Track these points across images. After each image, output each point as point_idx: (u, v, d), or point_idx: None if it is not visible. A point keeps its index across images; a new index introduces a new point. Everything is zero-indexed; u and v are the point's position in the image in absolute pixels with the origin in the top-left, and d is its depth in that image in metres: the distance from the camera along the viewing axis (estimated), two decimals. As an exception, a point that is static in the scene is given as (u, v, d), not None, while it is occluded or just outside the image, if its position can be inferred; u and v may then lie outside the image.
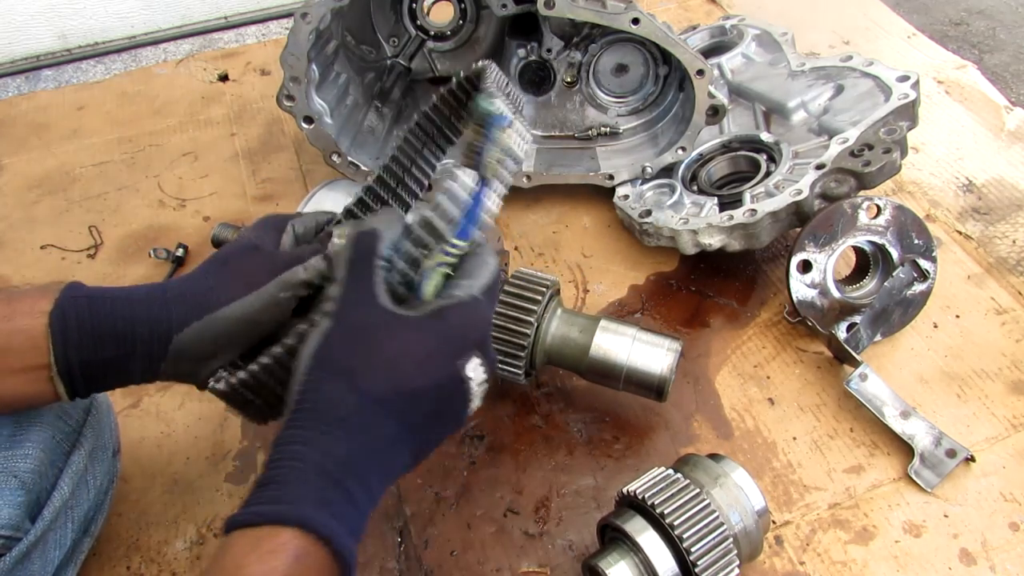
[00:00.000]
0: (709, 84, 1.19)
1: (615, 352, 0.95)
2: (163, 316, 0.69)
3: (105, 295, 0.70)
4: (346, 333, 0.62)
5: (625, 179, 1.30)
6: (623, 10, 1.15)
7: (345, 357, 0.61)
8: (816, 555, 0.91)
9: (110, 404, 0.93)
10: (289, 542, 0.54)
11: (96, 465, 0.86)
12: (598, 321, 0.98)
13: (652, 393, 0.97)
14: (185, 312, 0.69)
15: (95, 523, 0.88)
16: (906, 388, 1.05)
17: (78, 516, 0.83)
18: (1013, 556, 0.90)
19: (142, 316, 0.69)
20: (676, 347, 0.96)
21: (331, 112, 1.24)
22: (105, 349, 0.68)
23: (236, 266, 0.72)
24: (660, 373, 0.95)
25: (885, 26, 1.72)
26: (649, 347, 0.96)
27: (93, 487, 0.86)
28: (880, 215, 1.07)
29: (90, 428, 0.85)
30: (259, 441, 1.05)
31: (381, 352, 0.61)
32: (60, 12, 1.84)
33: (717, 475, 0.84)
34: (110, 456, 0.90)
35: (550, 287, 0.98)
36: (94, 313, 0.68)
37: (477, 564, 0.92)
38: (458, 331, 0.63)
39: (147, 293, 0.71)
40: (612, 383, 0.98)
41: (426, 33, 1.45)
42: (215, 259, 0.74)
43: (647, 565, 0.78)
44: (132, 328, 0.69)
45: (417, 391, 0.61)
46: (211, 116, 1.62)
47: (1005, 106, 1.46)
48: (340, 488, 0.57)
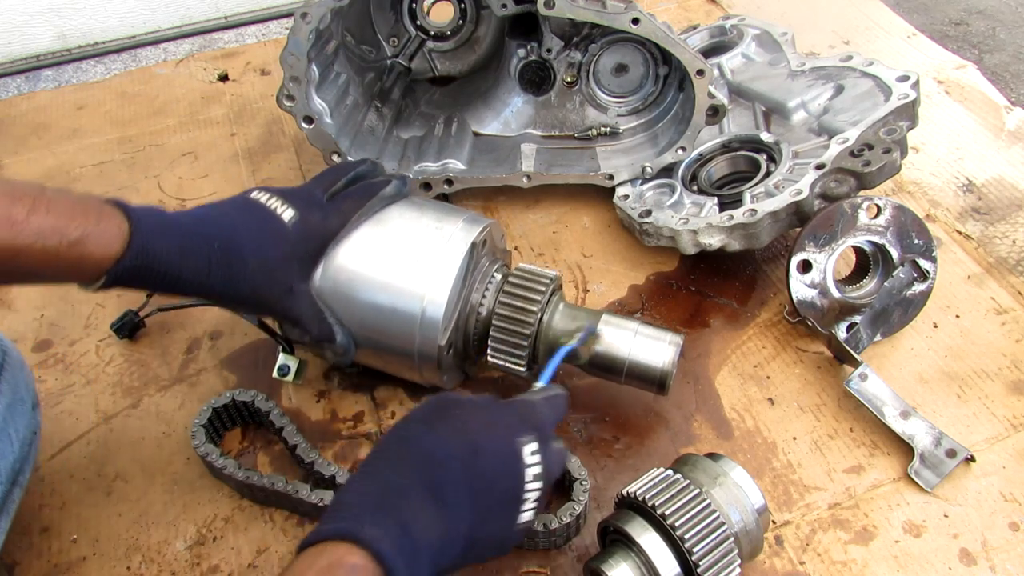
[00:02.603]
0: (709, 84, 1.19)
1: (617, 346, 0.96)
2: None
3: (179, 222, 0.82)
4: (436, 403, 0.75)
5: (625, 179, 1.30)
6: (623, 10, 1.15)
7: (428, 412, 0.73)
8: (816, 555, 0.91)
9: (23, 360, 0.95)
10: (344, 557, 0.59)
11: (16, 418, 0.90)
12: (600, 315, 0.98)
13: (654, 386, 0.97)
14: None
15: (23, 474, 0.91)
16: (906, 388, 1.05)
17: (4, 468, 0.86)
18: (1013, 556, 0.90)
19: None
20: (677, 341, 0.96)
21: (331, 112, 1.24)
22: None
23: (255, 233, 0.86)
24: (662, 367, 0.95)
25: (885, 26, 1.72)
26: (651, 341, 0.96)
27: (16, 439, 0.89)
28: (880, 215, 1.07)
29: (4, 382, 0.89)
30: (259, 441, 1.06)
31: (460, 415, 0.73)
32: (60, 12, 1.84)
33: (716, 474, 0.84)
34: (29, 409, 0.93)
35: (552, 282, 0.98)
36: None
37: (477, 564, 0.92)
38: (519, 414, 0.76)
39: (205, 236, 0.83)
40: (614, 377, 0.98)
41: (426, 33, 1.45)
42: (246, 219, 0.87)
43: (649, 566, 0.78)
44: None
45: (480, 446, 0.70)
46: (211, 116, 1.62)
47: (1005, 106, 1.46)
48: (397, 513, 0.63)
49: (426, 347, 0.95)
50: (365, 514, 0.63)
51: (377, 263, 0.94)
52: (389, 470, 0.68)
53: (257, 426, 1.07)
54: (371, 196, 0.96)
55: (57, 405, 1.10)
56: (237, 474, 0.95)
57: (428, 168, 1.31)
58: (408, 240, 0.96)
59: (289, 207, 0.89)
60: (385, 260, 0.95)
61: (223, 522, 0.98)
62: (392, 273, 0.94)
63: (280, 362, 1.05)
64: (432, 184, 1.31)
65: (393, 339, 0.95)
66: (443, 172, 1.31)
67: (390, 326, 0.94)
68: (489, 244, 1.03)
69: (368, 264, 0.94)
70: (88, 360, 1.17)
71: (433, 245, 0.95)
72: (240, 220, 0.86)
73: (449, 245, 0.95)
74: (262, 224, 0.87)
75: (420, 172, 1.31)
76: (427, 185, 1.31)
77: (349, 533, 0.60)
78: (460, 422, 0.72)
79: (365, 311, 0.94)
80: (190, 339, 1.19)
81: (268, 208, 0.88)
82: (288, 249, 0.88)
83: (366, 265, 0.94)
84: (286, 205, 0.89)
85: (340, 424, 1.07)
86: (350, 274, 0.94)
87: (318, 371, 1.13)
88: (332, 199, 0.95)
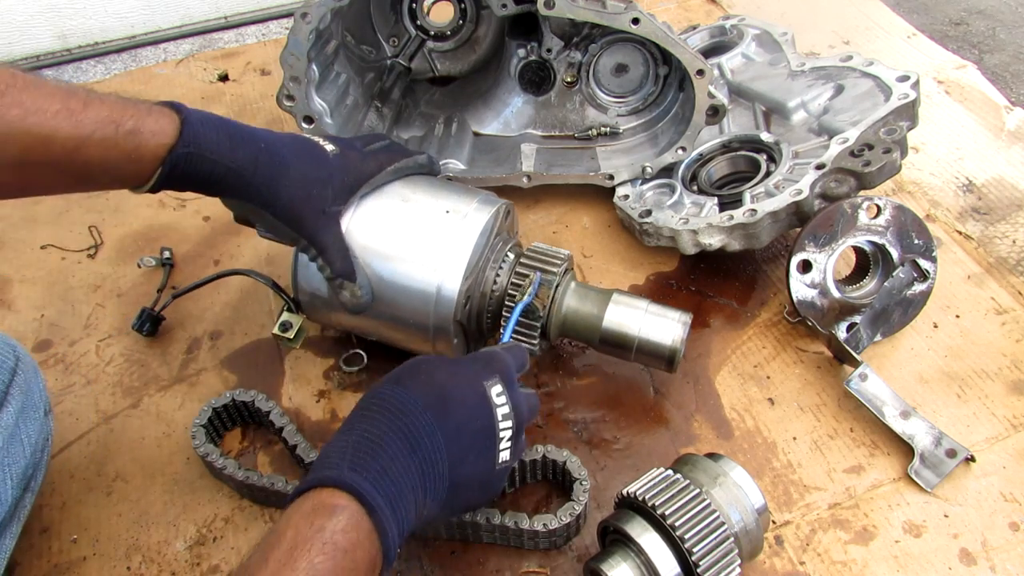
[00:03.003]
0: (709, 84, 1.19)
1: (627, 324, 0.98)
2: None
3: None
4: (406, 366, 0.80)
5: (625, 179, 1.30)
6: (623, 10, 1.15)
7: (398, 374, 0.79)
8: (816, 555, 0.91)
9: (36, 366, 0.95)
10: (326, 500, 0.64)
11: (28, 424, 0.90)
12: (610, 294, 1.00)
13: (663, 363, 0.99)
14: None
15: (35, 480, 0.91)
16: (906, 388, 1.05)
17: (16, 473, 0.86)
18: (1013, 556, 0.90)
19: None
20: (686, 319, 0.99)
21: (331, 112, 1.24)
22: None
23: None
24: (671, 344, 0.97)
25: (885, 26, 1.72)
26: (660, 319, 0.98)
27: (28, 444, 0.89)
28: (880, 215, 1.07)
29: (16, 387, 0.89)
30: (259, 441, 1.06)
31: (426, 371, 0.78)
32: (60, 12, 1.84)
33: (716, 474, 0.84)
34: (42, 415, 0.93)
35: (565, 260, 1.01)
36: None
37: (477, 564, 0.92)
38: (482, 361, 0.82)
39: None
40: (624, 354, 1.00)
41: (426, 33, 1.45)
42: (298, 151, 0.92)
43: (649, 567, 0.78)
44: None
45: (447, 393, 0.76)
46: (211, 116, 1.62)
47: (1005, 106, 1.46)
48: (376, 459, 0.68)
49: (441, 321, 0.96)
50: (344, 462, 0.67)
51: (396, 238, 0.97)
52: (365, 424, 0.72)
53: (257, 426, 1.07)
54: (406, 156, 1.02)
55: (57, 405, 1.10)
56: (237, 474, 0.95)
57: (428, 168, 1.31)
58: (426, 216, 0.98)
59: (330, 143, 0.95)
60: (404, 235, 0.97)
61: (223, 522, 0.98)
62: (410, 248, 0.96)
63: (283, 318, 1.03)
64: (432, 184, 1.31)
65: (409, 312, 0.97)
66: (443, 172, 1.31)
67: (407, 300, 0.96)
68: (504, 223, 1.05)
69: (388, 238, 0.97)
70: (88, 360, 1.17)
71: (450, 222, 0.97)
72: (285, 138, 0.92)
73: (466, 223, 0.97)
74: (306, 147, 0.93)
75: (420, 172, 1.31)
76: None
77: (330, 479, 0.65)
78: (426, 375, 0.78)
79: (382, 283, 0.96)
80: (190, 339, 1.19)
81: (312, 138, 0.95)
82: (326, 173, 0.92)
83: (386, 239, 0.96)
84: (328, 141, 0.96)
85: (340, 424, 1.07)
86: (369, 246, 0.96)
87: (318, 371, 1.13)
88: (369, 150, 1.00)
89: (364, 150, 1.00)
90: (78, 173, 0.77)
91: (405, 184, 1.02)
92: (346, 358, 1.13)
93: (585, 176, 1.32)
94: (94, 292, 1.26)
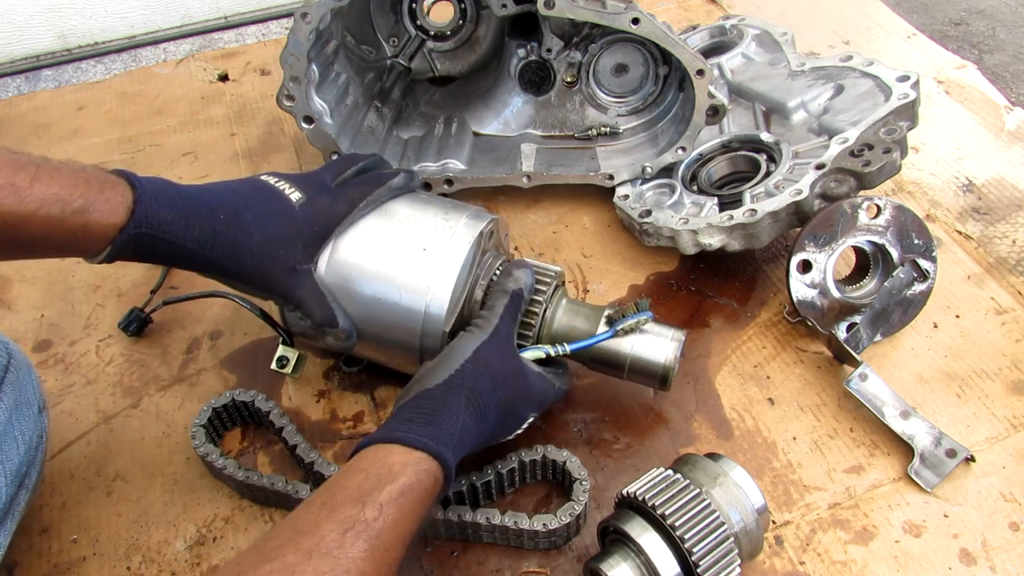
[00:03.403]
0: (709, 84, 1.19)
1: (619, 341, 0.96)
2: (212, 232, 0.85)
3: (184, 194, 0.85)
4: (508, 369, 0.87)
5: (625, 179, 1.30)
6: (623, 10, 1.15)
7: (501, 374, 0.86)
8: (816, 555, 0.91)
9: (30, 363, 0.94)
10: (388, 455, 0.71)
11: (22, 421, 0.89)
12: (602, 311, 0.98)
13: (656, 382, 0.97)
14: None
15: (29, 477, 0.90)
16: (906, 388, 1.05)
17: (10, 470, 0.86)
18: (1013, 556, 0.90)
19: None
20: (680, 336, 0.96)
21: (331, 112, 1.24)
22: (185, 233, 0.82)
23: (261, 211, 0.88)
24: (664, 362, 0.95)
25: (885, 26, 1.72)
26: (653, 336, 0.96)
27: (22, 442, 0.88)
28: (880, 215, 1.07)
29: (9, 384, 0.88)
30: (259, 441, 1.06)
31: (523, 384, 0.89)
32: (60, 12, 1.84)
33: (716, 474, 0.84)
34: (35, 412, 0.92)
35: (555, 277, 0.99)
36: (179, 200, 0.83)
37: (477, 564, 0.92)
38: (534, 395, 0.90)
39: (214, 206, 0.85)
40: (616, 372, 0.98)
41: (426, 33, 1.45)
42: (250, 196, 0.89)
43: (649, 567, 0.78)
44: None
45: (497, 374, 0.84)
46: (211, 116, 1.62)
47: (1005, 106, 1.46)
48: (428, 408, 0.78)
49: (429, 341, 0.94)
50: (449, 451, 0.75)
51: (382, 256, 0.94)
52: (470, 421, 0.80)
53: (257, 426, 1.07)
54: (379, 185, 0.97)
55: (57, 405, 1.10)
56: (237, 474, 0.95)
57: (428, 168, 1.31)
58: (413, 234, 0.96)
59: (297, 189, 0.91)
60: (390, 253, 0.95)
61: (223, 522, 0.98)
62: (397, 267, 0.94)
63: (279, 353, 1.04)
64: (432, 184, 1.31)
65: (396, 332, 0.95)
66: (443, 172, 1.31)
67: (394, 319, 0.94)
68: (493, 239, 1.03)
69: (373, 257, 0.94)
70: (88, 360, 1.17)
71: (438, 239, 0.95)
72: (248, 196, 0.88)
73: (454, 240, 0.95)
74: (269, 201, 0.89)
75: (420, 172, 1.30)
76: (427, 185, 1.31)
77: (443, 457, 0.74)
78: (522, 389, 0.88)
79: (369, 303, 0.95)
80: (190, 339, 1.19)
81: (276, 188, 0.90)
82: (293, 228, 0.89)
83: (371, 258, 0.94)
84: (294, 188, 0.91)
85: (340, 424, 1.07)
86: (354, 266, 0.94)
87: (318, 370, 1.13)
88: (340, 185, 0.96)
89: (335, 188, 0.95)
90: (22, 246, 0.75)
91: (391, 202, 0.99)
92: (346, 358, 1.13)
93: (585, 176, 1.32)
94: (94, 292, 1.26)
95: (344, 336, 0.95)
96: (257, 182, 0.91)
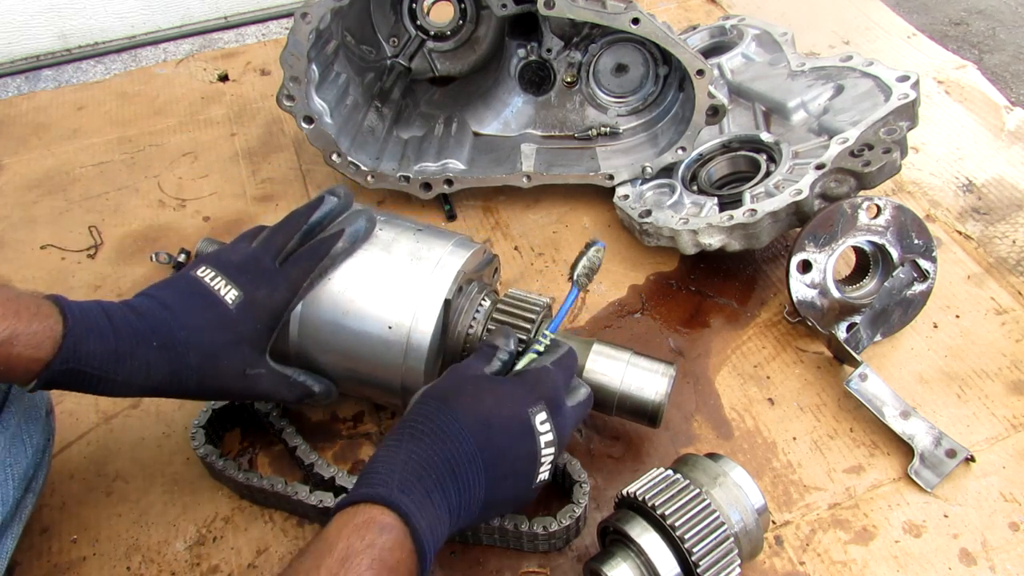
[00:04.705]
0: (709, 84, 1.19)
1: (608, 377, 0.92)
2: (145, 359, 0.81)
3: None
4: (452, 381, 0.81)
5: (625, 179, 1.30)
6: (623, 10, 1.15)
7: (445, 390, 0.79)
8: (816, 555, 0.91)
9: None
10: (376, 517, 0.66)
11: (30, 424, 0.89)
12: (591, 344, 0.94)
13: (645, 420, 0.94)
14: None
15: (36, 480, 0.91)
16: (906, 388, 1.05)
17: (18, 474, 0.86)
18: (1013, 556, 0.90)
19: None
20: (671, 372, 0.93)
21: (331, 112, 1.24)
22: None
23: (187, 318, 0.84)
24: (654, 399, 0.92)
25: (885, 26, 1.72)
26: (643, 372, 0.92)
27: (30, 445, 0.88)
28: (880, 215, 1.07)
29: (18, 388, 0.88)
30: (259, 442, 1.06)
31: (473, 393, 0.79)
32: (60, 12, 1.84)
33: (716, 474, 0.84)
34: (43, 415, 0.93)
35: (542, 309, 0.95)
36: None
37: (477, 564, 0.92)
38: (529, 385, 0.81)
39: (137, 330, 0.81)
40: (604, 409, 0.94)
41: (426, 33, 1.45)
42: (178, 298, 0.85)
43: (649, 567, 0.78)
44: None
45: (493, 422, 0.76)
46: (211, 116, 1.62)
47: (1005, 106, 1.46)
48: (421, 482, 0.70)
49: (411, 378, 0.91)
50: (393, 482, 0.69)
51: (358, 299, 0.90)
52: (412, 444, 0.73)
53: (257, 427, 1.07)
54: (321, 258, 0.90)
55: (57, 405, 1.10)
56: (237, 476, 0.95)
57: (428, 168, 1.31)
58: (393, 269, 0.91)
59: (233, 287, 0.85)
60: (367, 295, 0.90)
61: (223, 522, 0.98)
62: (377, 303, 0.90)
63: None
64: (432, 184, 1.31)
65: (378, 374, 0.92)
66: (443, 172, 1.31)
67: (375, 361, 0.91)
68: (478, 269, 0.99)
69: (349, 302, 0.90)
70: (88, 360, 1.17)
71: (419, 273, 0.91)
72: (181, 310, 0.83)
73: (436, 273, 0.91)
74: (204, 311, 0.84)
75: (420, 172, 1.31)
76: (427, 185, 1.31)
77: (380, 497, 0.68)
78: (472, 397, 0.78)
79: (348, 343, 0.91)
80: (190, 339, 1.19)
81: (212, 291, 0.85)
82: (233, 335, 0.85)
83: (346, 304, 0.90)
84: (230, 285, 0.85)
85: (340, 424, 1.07)
86: (330, 316, 0.90)
87: (318, 371, 1.13)
88: (283, 264, 0.89)
89: (276, 273, 0.88)
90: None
91: (372, 236, 0.94)
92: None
93: (585, 176, 1.32)
94: (94, 292, 1.26)
95: (323, 398, 0.94)
96: (192, 285, 0.86)
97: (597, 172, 1.31)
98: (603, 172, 1.31)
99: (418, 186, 1.30)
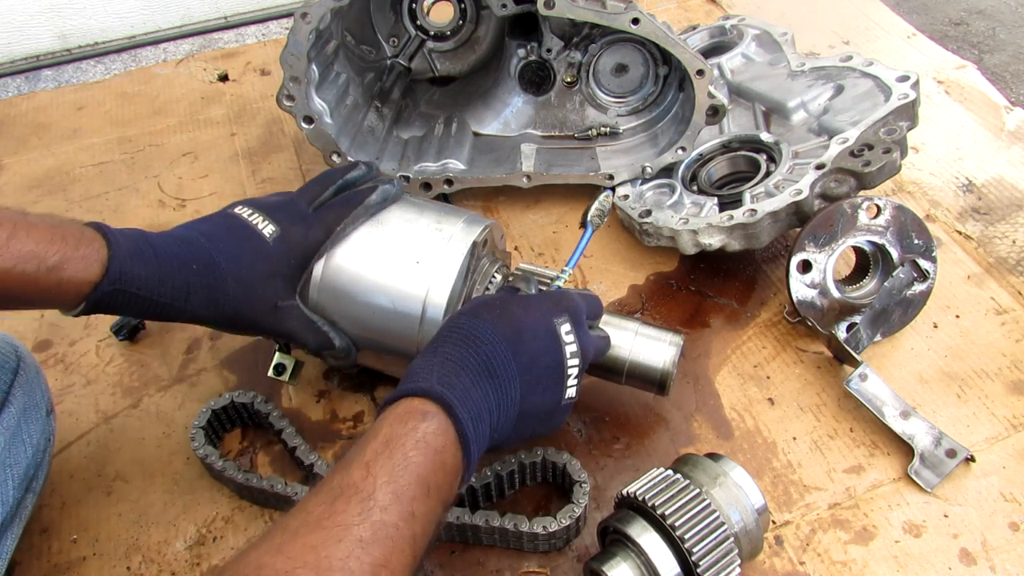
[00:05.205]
0: (709, 84, 1.19)
1: (617, 346, 0.95)
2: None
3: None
4: (478, 301, 0.85)
5: (625, 179, 1.30)
6: (623, 10, 1.15)
7: (472, 307, 0.83)
8: (816, 555, 0.91)
9: (38, 366, 0.95)
10: (418, 407, 0.69)
11: (30, 424, 0.90)
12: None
13: (654, 387, 0.97)
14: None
15: (36, 480, 0.91)
16: (906, 388, 1.05)
17: (18, 474, 0.86)
18: (1013, 556, 0.90)
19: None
20: (678, 341, 0.96)
21: (331, 112, 1.24)
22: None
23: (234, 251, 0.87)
24: (663, 367, 0.95)
25: (885, 26, 1.72)
26: (651, 341, 0.96)
27: (30, 445, 0.89)
28: (880, 215, 1.07)
29: (19, 388, 0.89)
30: (259, 442, 1.06)
31: (500, 305, 0.82)
32: (60, 12, 1.84)
33: (716, 474, 0.84)
34: (44, 415, 0.93)
35: (552, 281, 0.98)
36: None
37: (477, 564, 0.92)
38: (553, 300, 0.85)
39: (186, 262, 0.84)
40: (614, 377, 0.98)
41: (426, 33, 1.45)
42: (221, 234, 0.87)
43: (649, 567, 0.78)
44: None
45: (520, 326, 0.79)
46: (211, 116, 1.62)
47: (1005, 106, 1.46)
48: (459, 379, 0.73)
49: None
50: (432, 377, 0.72)
51: (377, 265, 0.93)
52: (448, 347, 0.76)
53: (257, 427, 1.07)
54: (356, 206, 0.94)
55: (57, 405, 1.10)
56: (236, 476, 0.95)
57: (428, 168, 1.31)
58: (408, 241, 0.95)
59: (270, 223, 0.89)
60: (385, 261, 0.94)
61: (223, 522, 0.98)
62: (392, 274, 0.93)
63: (276, 360, 1.03)
64: (432, 184, 1.31)
65: (394, 340, 0.95)
66: (443, 172, 1.31)
67: (391, 328, 0.94)
68: (489, 244, 1.02)
69: (368, 266, 0.93)
70: (88, 360, 1.17)
71: (433, 246, 0.94)
72: (220, 239, 0.86)
73: (449, 245, 0.94)
74: (243, 242, 0.87)
75: (420, 172, 1.31)
76: (427, 185, 1.31)
77: (421, 389, 0.71)
78: (500, 309, 0.81)
79: (365, 313, 0.94)
80: (190, 339, 1.19)
81: (250, 224, 0.88)
82: (269, 267, 0.88)
83: (366, 267, 0.93)
84: (267, 221, 0.89)
85: (340, 424, 1.07)
86: (349, 277, 0.93)
87: (318, 371, 1.13)
88: (317, 210, 0.93)
89: (311, 213, 0.92)
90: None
91: (385, 211, 0.97)
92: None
93: (585, 176, 1.32)
94: (94, 292, 1.26)
95: (343, 355, 0.95)
96: (231, 219, 0.89)
97: (597, 172, 1.31)
98: (603, 172, 1.31)
99: (418, 186, 1.30)
